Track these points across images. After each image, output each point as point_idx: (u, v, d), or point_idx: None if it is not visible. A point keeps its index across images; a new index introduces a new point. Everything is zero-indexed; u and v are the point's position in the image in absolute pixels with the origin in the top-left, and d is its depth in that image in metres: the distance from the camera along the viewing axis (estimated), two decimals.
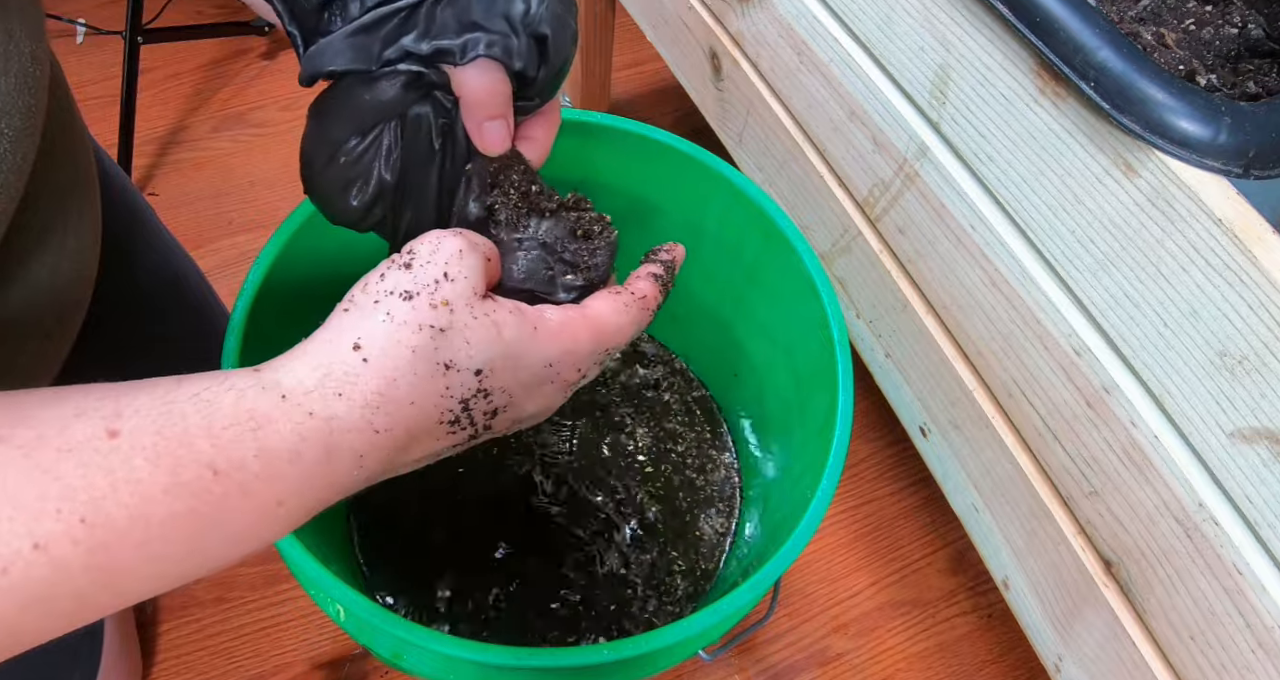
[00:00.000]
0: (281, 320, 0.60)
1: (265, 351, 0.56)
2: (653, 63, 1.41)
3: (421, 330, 0.30)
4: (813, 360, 0.63)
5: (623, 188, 0.70)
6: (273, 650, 0.91)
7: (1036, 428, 0.59)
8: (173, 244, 0.66)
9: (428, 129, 0.38)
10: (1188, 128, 0.41)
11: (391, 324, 0.30)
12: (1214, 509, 0.47)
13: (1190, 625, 0.51)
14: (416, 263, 0.32)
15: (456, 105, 0.37)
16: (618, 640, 0.46)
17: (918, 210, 0.62)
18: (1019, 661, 0.95)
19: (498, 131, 0.37)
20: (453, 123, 0.38)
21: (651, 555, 0.75)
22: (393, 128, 0.37)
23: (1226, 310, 0.43)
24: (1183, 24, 0.50)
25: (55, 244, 0.42)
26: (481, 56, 0.35)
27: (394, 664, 0.52)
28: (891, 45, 0.59)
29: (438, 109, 0.37)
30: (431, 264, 0.32)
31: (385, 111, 0.37)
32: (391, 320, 0.30)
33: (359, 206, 0.38)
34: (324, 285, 0.65)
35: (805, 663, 0.94)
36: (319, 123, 0.37)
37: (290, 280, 0.59)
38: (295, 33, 0.36)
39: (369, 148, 0.38)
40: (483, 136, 0.37)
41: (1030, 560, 0.63)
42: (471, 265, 0.32)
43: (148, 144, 1.26)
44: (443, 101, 0.37)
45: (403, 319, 0.30)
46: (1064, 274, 0.52)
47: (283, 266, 0.58)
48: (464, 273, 0.32)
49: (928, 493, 1.04)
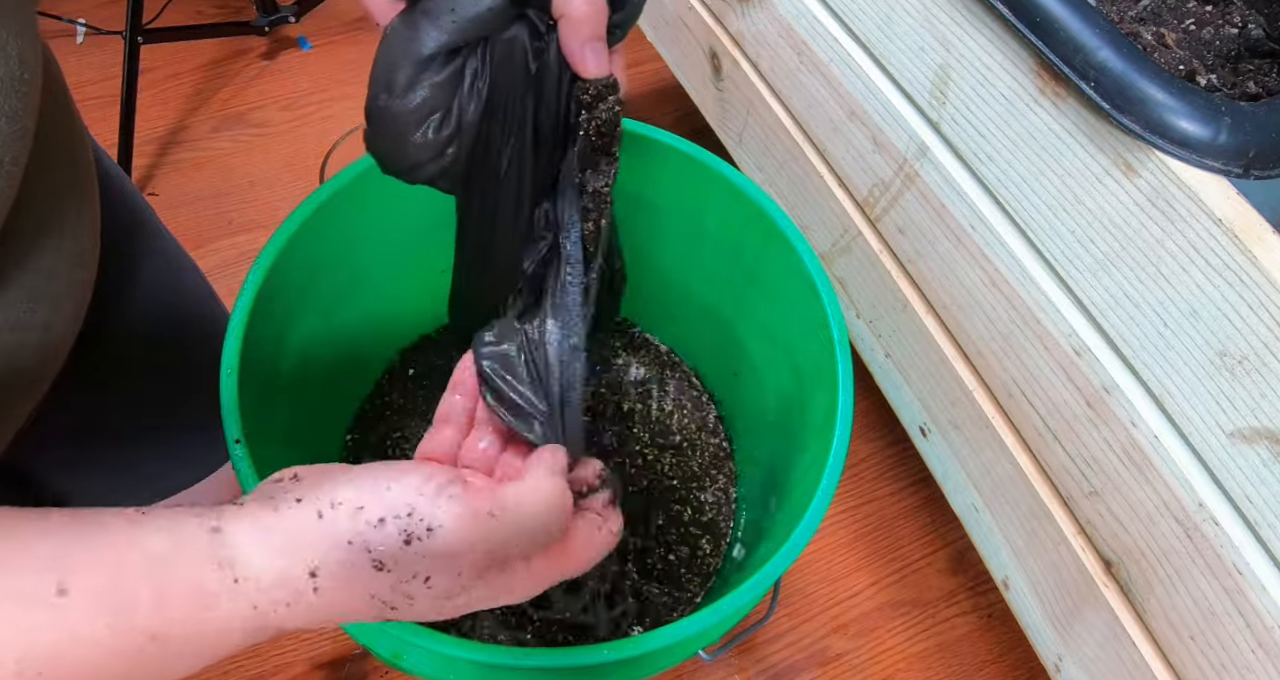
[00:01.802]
0: (281, 320, 0.60)
1: (265, 352, 0.56)
2: (653, 63, 1.41)
3: (380, 573, 0.30)
4: (813, 360, 0.63)
5: (623, 188, 0.69)
6: (273, 650, 0.91)
7: (1036, 428, 0.59)
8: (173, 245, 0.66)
9: (523, 52, 0.35)
10: (1188, 128, 0.41)
11: (357, 562, 0.29)
12: (1214, 509, 0.47)
13: (1190, 625, 0.51)
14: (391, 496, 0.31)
15: (551, 29, 0.35)
16: (618, 640, 0.46)
17: (918, 210, 0.62)
18: (1019, 661, 0.95)
19: (600, 53, 0.36)
20: (546, 47, 0.35)
21: (650, 554, 0.75)
22: (482, 53, 0.34)
23: (1226, 310, 0.43)
24: (1183, 24, 0.50)
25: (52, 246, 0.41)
26: None
27: (394, 664, 0.52)
28: (891, 45, 0.59)
29: (532, 32, 0.34)
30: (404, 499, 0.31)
31: (485, 22, 0.33)
32: (358, 555, 0.29)
33: (436, 142, 0.36)
34: (324, 285, 0.65)
35: (805, 663, 0.94)
36: (406, 33, 0.33)
37: (290, 280, 0.59)
38: None
39: (454, 74, 0.34)
40: (585, 58, 0.35)
41: (1030, 560, 0.63)
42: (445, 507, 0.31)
43: (148, 144, 1.26)
44: (537, 23, 0.34)
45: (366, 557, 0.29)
46: (1064, 274, 0.52)
47: (283, 266, 0.58)
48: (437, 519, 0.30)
49: (928, 493, 1.04)
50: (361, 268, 0.68)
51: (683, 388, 0.84)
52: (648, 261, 0.77)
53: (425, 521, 0.30)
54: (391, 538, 0.29)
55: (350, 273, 0.67)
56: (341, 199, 0.60)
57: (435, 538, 0.30)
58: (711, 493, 0.79)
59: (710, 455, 0.81)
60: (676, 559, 0.75)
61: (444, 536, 0.30)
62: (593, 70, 0.36)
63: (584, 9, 0.34)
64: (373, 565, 0.29)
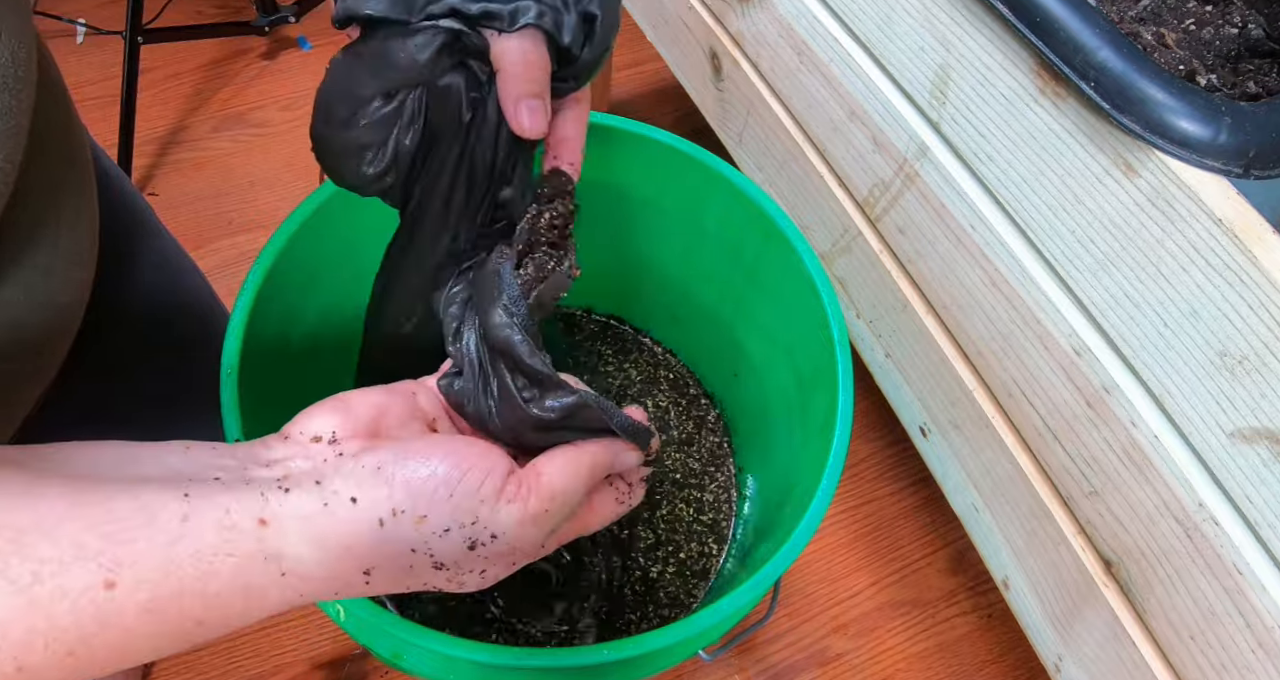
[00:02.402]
0: (282, 321, 0.60)
1: (265, 352, 0.56)
2: (653, 63, 1.41)
3: (440, 571, 0.31)
4: (813, 360, 0.63)
5: (623, 188, 0.70)
6: (273, 650, 0.91)
7: (1036, 428, 0.59)
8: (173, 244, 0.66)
9: (458, 100, 0.35)
10: (1188, 128, 0.41)
11: (416, 565, 0.30)
12: (1214, 509, 0.47)
13: (1190, 625, 0.51)
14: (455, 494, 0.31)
15: (491, 79, 0.35)
16: (618, 640, 0.46)
17: (918, 210, 0.62)
18: (1019, 661, 0.95)
19: (536, 111, 0.35)
20: (484, 98, 0.35)
21: (649, 553, 0.75)
22: (419, 95, 0.35)
23: (1226, 310, 0.43)
24: (1183, 24, 0.50)
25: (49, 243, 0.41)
26: (530, 25, 0.33)
27: (394, 664, 0.52)
28: (891, 45, 0.59)
29: (470, 81, 0.35)
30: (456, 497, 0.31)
31: (417, 73, 0.34)
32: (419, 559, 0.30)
33: (371, 174, 0.36)
34: (324, 285, 0.65)
35: (805, 663, 0.94)
36: (344, 75, 0.34)
37: (290, 280, 0.59)
38: None
39: (393, 112, 0.35)
40: (519, 115, 0.35)
41: (1030, 560, 0.63)
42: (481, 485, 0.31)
43: (148, 144, 1.26)
44: (477, 73, 0.34)
45: (427, 560, 0.30)
46: (1064, 274, 0.52)
47: (283, 266, 0.58)
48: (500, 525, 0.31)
49: (928, 493, 1.04)
50: (361, 268, 0.68)
51: (680, 387, 0.84)
52: (647, 261, 0.77)
53: (489, 529, 0.30)
54: (456, 545, 0.30)
55: (350, 272, 0.67)
56: (341, 199, 0.60)
57: (499, 542, 0.31)
58: (711, 491, 0.79)
59: (709, 453, 0.81)
60: (681, 558, 0.75)
61: (507, 540, 0.31)
62: (528, 129, 0.35)
63: (517, 65, 0.34)
64: (433, 566, 0.30)
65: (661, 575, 0.74)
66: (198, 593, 0.27)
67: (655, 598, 0.73)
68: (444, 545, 0.30)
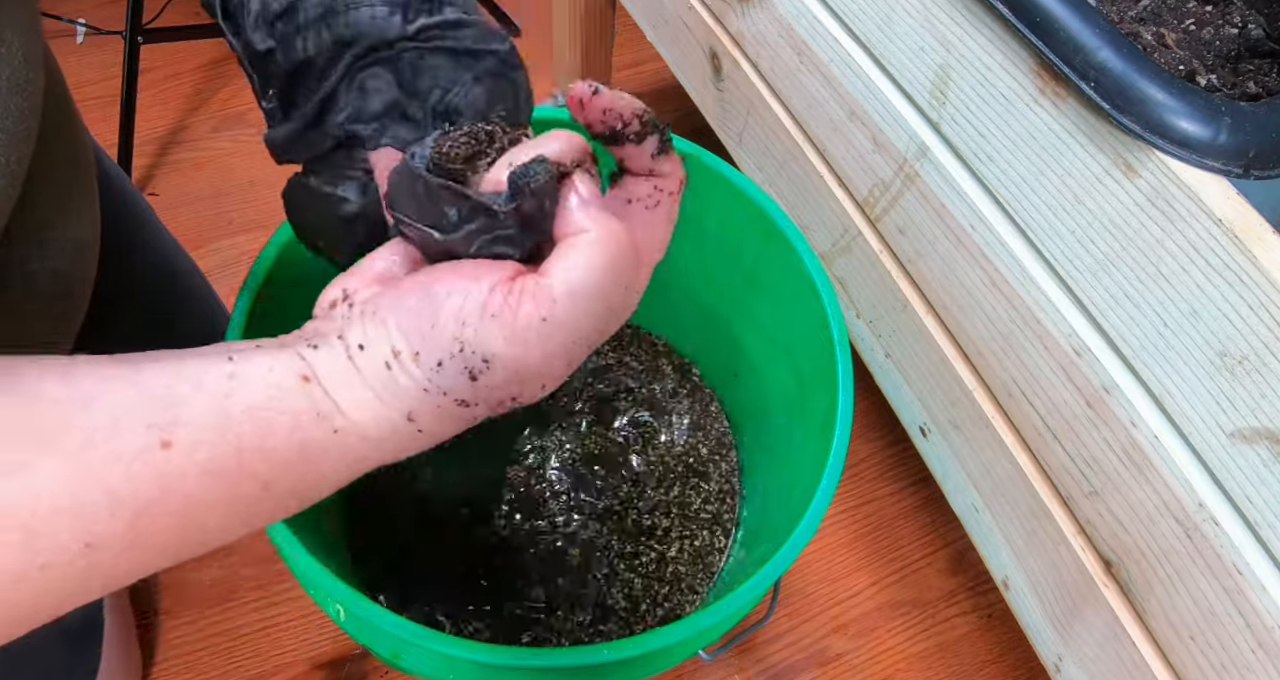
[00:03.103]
0: (282, 321, 0.60)
1: None
2: (653, 63, 1.41)
3: (467, 407, 0.29)
4: (813, 360, 0.63)
5: None
6: (273, 650, 0.91)
7: (1036, 428, 0.59)
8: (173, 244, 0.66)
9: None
10: (1188, 128, 0.41)
11: (441, 404, 0.28)
12: (1214, 509, 0.47)
13: (1190, 625, 0.51)
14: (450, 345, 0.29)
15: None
16: (618, 640, 0.46)
17: (918, 210, 0.62)
18: (1019, 661, 0.95)
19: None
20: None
21: (648, 552, 0.75)
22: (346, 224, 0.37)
23: (1226, 310, 0.43)
24: (1183, 24, 0.50)
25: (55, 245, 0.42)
26: (385, 146, 0.34)
27: (394, 664, 0.52)
28: (891, 45, 0.59)
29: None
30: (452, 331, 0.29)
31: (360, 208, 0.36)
32: (440, 398, 0.28)
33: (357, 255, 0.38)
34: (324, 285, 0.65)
35: (805, 663, 0.94)
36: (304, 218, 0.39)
37: (290, 280, 0.59)
38: (250, 71, 0.36)
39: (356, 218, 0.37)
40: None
41: (1030, 560, 0.63)
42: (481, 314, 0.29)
43: (148, 144, 1.26)
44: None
45: (447, 399, 0.28)
46: (1064, 274, 0.52)
47: (283, 266, 0.58)
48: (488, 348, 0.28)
49: (928, 493, 1.04)
50: None
51: (684, 372, 0.84)
52: None
53: (478, 353, 0.27)
54: (456, 378, 0.28)
55: None
56: None
57: (495, 367, 0.28)
58: (715, 482, 0.79)
59: (717, 440, 0.81)
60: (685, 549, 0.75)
61: (503, 363, 0.28)
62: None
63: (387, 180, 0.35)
64: (456, 403, 0.28)
65: (658, 572, 0.74)
66: (256, 448, 0.26)
67: (652, 595, 0.73)
68: (446, 380, 0.28)
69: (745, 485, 0.79)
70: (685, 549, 0.76)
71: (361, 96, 0.35)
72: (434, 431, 0.29)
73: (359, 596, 0.46)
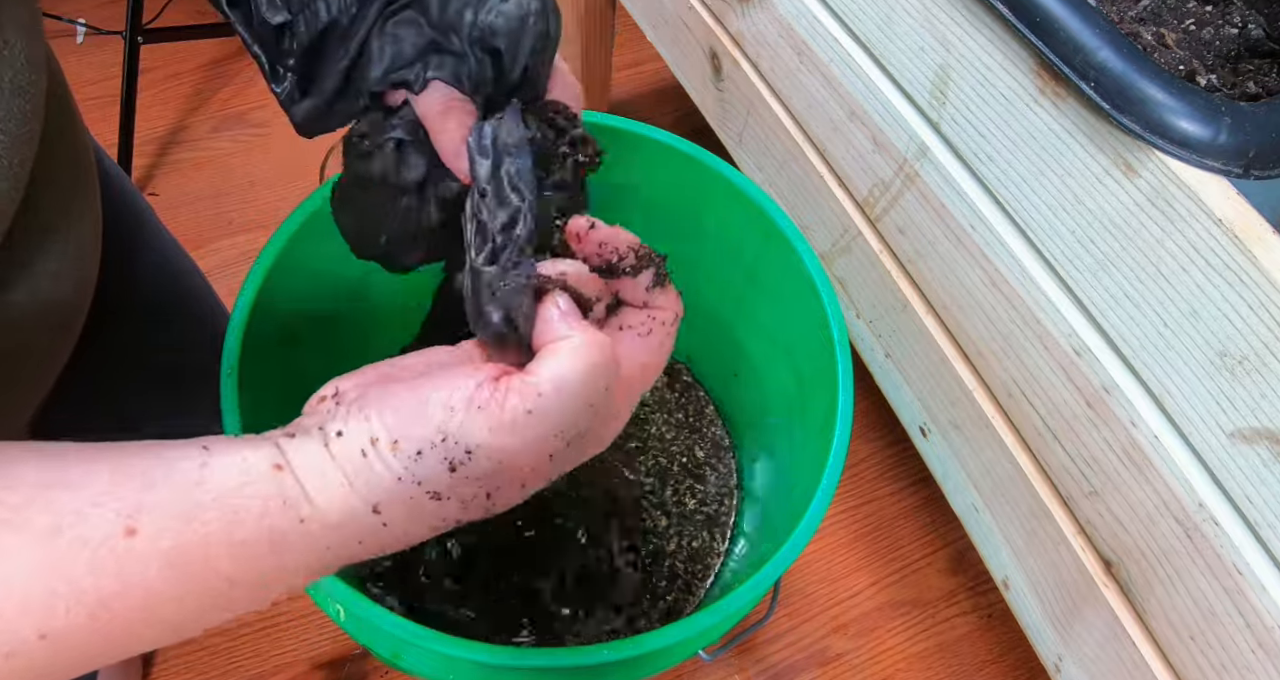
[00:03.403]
0: (282, 321, 0.60)
1: (265, 352, 0.56)
2: (653, 63, 1.41)
3: (440, 501, 0.29)
4: (813, 360, 0.63)
5: (623, 188, 0.70)
6: (273, 650, 0.91)
7: (1036, 428, 0.59)
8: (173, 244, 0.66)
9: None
10: (1188, 128, 0.41)
11: (414, 496, 0.28)
12: (1214, 509, 0.47)
13: (1190, 625, 0.51)
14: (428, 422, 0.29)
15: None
16: (618, 640, 0.46)
17: (918, 210, 0.62)
18: (1019, 661, 0.95)
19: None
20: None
21: (648, 552, 0.75)
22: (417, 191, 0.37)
23: (1226, 310, 0.43)
24: (1183, 24, 0.50)
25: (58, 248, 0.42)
26: (434, 79, 0.34)
27: (394, 664, 0.52)
28: (891, 45, 0.59)
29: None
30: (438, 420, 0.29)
31: (400, 186, 0.36)
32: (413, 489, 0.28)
33: (422, 260, 0.39)
34: (325, 285, 0.65)
35: (805, 663, 0.94)
36: (345, 225, 0.39)
37: (290, 280, 0.59)
38: (260, 54, 0.36)
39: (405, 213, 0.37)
40: (461, 165, 0.35)
41: (1030, 560, 0.63)
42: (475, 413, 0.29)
43: (148, 144, 1.26)
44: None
45: (420, 490, 0.28)
46: (1064, 274, 0.52)
47: (283, 266, 0.58)
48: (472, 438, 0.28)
49: (928, 493, 1.04)
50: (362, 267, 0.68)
51: (682, 388, 0.84)
52: None
53: (461, 444, 0.28)
54: (435, 468, 0.28)
55: (351, 272, 0.67)
56: None
57: (477, 458, 0.28)
58: (713, 484, 0.79)
59: (713, 444, 0.81)
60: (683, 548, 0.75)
61: (486, 454, 0.28)
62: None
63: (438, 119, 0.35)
64: (428, 496, 0.28)
65: (658, 572, 0.74)
66: (223, 542, 0.25)
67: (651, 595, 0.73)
68: (423, 470, 0.27)
69: (744, 487, 0.79)
70: (683, 547, 0.76)
71: (395, 42, 0.35)
72: (400, 528, 0.28)
73: (359, 596, 0.46)
